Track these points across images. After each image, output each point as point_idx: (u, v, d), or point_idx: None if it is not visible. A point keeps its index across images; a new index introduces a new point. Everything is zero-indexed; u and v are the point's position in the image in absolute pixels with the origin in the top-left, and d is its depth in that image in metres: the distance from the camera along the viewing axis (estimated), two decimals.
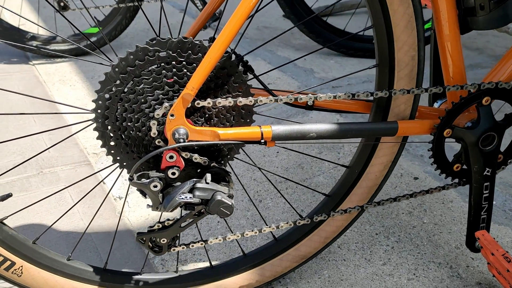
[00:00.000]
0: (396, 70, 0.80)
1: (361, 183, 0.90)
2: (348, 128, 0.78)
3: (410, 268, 0.99)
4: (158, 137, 0.72)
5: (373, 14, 0.77)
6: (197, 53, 0.71)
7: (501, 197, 1.17)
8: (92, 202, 1.22)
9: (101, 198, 1.23)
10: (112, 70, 0.70)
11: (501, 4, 0.76)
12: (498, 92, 0.81)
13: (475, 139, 0.83)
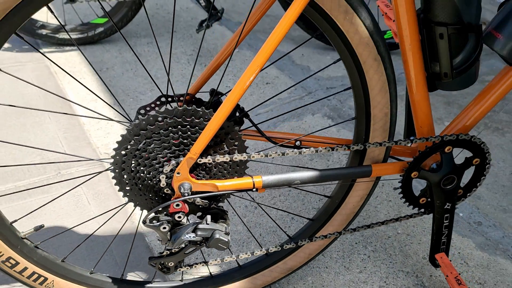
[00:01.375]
0: (372, 123, 0.92)
1: (341, 211, 1.04)
2: (328, 174, 0.92)
3: (382, 276, 1.15)
4: (167, 187, 0.86)
5: (352, 78, 0.88)
6: (199, 118, 0.84)
7: (468, 209, 1.31)
8: (106, 205, 1.37)
9: (113, 200, 1.38)
10: (127, 132, 0.83)
11: (462, 73, 0.87)
12: (458, 142, 0.94)
13: (437, 180, 0.97)
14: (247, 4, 2.52)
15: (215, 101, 0.94)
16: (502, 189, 1.38)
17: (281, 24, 0.77)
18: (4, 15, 0.69)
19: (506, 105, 1.74)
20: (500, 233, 1.24)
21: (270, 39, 0.77)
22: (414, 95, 0.91)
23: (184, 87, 1.85)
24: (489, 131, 1.61)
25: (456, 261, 1.18)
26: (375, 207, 1.34)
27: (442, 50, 0.85)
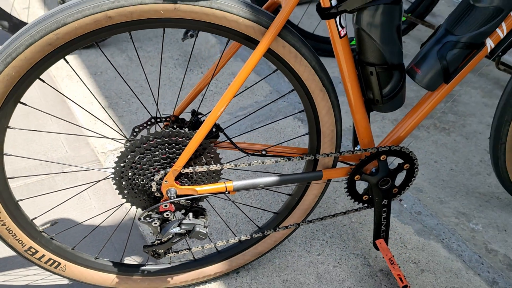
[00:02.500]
0: (322, 138, 1.15)
1: (299, 206, 1.28)
2: (287, 179, 1.15)
3: (336, 258, 1.40)
4: (157, 191, 1.09)
5: (304, 104, 1.11)
6: (182, 137, 1.06)
7: (411, 200, 1.56)
8: (104, 199, 1.60)
9: (110, 195, 1.60)
10: (125, 149, 1.05)
11: (390, 100, 1.10)
12: (390, 152, 1.17)
13: (376, 182, 1.21)
14: None
15: (195, 120, 1.16)
16: (442, 183, 1.63)
17: (245, 67, 0.99)
18: (31, 67, 0.91)
19: (455, 106, 1.98)
20: (435, 221, 1.49)
21: (236, 80, 0.99)
22: (355, 115, 1.14)
23: (170, 91, 2.06)
24: (437, 131, 1.86)
25: (397, 244, 1.43)
26: (334, 199, 1.58)
27: (373, 84, 1.08)
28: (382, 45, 1.02)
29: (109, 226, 1.47)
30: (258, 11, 0.97)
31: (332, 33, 1.02)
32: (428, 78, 1.10)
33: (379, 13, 0.98)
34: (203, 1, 0.92)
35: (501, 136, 1.27)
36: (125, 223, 1.47)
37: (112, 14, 0.88)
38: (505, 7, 1.02)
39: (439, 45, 1.07)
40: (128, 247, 1.41)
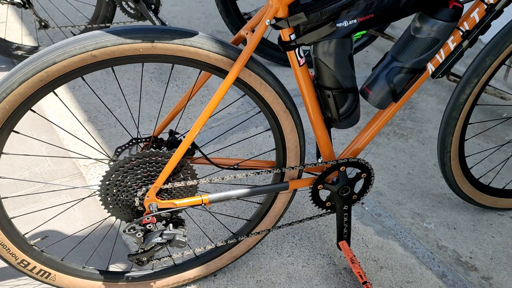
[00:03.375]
0: (287, 153, 1.29)
1: (269, 213, 1.41)
2: (257, 190, 1.28)
3: (305, 258, 1.54)
4: (140, 206, 1.21)
5: (271, 124, 1.24)
6: (161, 157, 1.18)
7: (372, 203, 1.71)
8: (87, 210, 1.70)
9: (93, 207, 1.70)
10: (110, 169, 1.16)
11: (346, 118, 1.24)
12: (349, 163, 1.32)
13: (336, 190, 1.35)
14: (201, 20, 2.83)
15: (173, 140, 1.28)
16: (400, 186, 1.79)
17: (217, 94, 1.11)
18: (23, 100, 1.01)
19: (413, 113, 2.15)
20: (393, 221, 1.65)
21: (209, 105, 1.11)
22: (316, 132, 1.28)
23: (148, 105, 2.16)
24: (396, 137, 2.02)
25: (359, 244, 1.57)
26: (303, 204, 1.72)
27: (330, 105, 1.21)
28: (337, 72, 1.16)
29: (94, 236, 1.57)
30: (227, 45, 1.09)
31: (292, 63, 1.15)
32: (379, 99, 1.24)
33: (332, 45, 1.12)
34: (177, 40, 1.04)
35: (446, 146, 1.43)
36: (109, 233, 1.58)
37: (97, 53, 0.99)
38: (441, 38, 1.17)
39: (386, 70, 1.21)
40: (112, 256, 1.52)
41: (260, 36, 1.09)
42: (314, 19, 1.07)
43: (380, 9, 1.08)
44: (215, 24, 2.80)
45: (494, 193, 1.62)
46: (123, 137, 1.99)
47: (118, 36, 1.00)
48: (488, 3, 1.17)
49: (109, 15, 2.28)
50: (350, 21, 1.08)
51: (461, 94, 1.34)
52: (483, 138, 2.02)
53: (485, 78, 1.32)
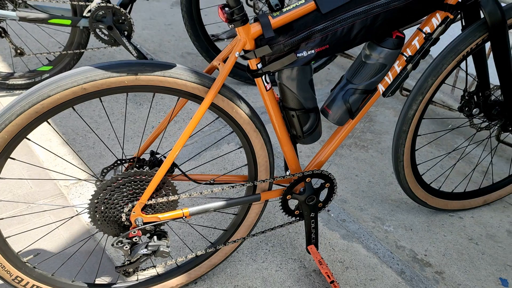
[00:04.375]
0: (258, 168, 1.43)
1: (244, 223, 1.55)
2: (232, 202, 1.42)
3: (277, 263, 1.68)
4: (126, 220, 1.33)
5: (243, 142, 1.38)
6: (144, 175, 1.30)
7: (337, 210, 1.88)
8: (71, 228, 1.79)
9: (76, 225, 1.80)
10: (97, 189, 1.28)
11: (310, 135, 1.40)
12: (313, 175, 1.47)
13: (303, 199, 1.50)
14: (172, 43, 2.97)
15: (154, 160, 1.40)
16: (362, 193, 1.96)
17: (194, 118, 1.25)
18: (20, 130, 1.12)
19: (372, 125, 2.34)
20: (357, 226, 1.81)
21: (188, 128, 1.25)
22: (283, 148, 1.43)
23: (127, 127, 2.28)
24: (357, 148, 2.19)
25: (327, 248, 1.73)
26: (274, 214, 1.86)
27: (295, 124, 1.37)
28: (299, 95, 1.32)
29: (80, 253, 1.67)
30: (202, 75, 1.23)
31: (260, 88, 1.30)
32: (337, 117, 1.41)
33: (294, 72, 1.28)
34: (158, 72, 1.17)
35: (399, 156, 1.61)
36: (94, 249, 1.68)
37: (87, 86, 1.12)
38: (388, 63, 1.34)
39: (343, 91, 1.38)
40: (99, 270, 1.62)
41: (231, 67, 1.23)
42: (278, 50, 1.22)
43: (333, 41, 1.24)
44: (184, 46, 2.94)
45: (444, 196, 1.81)
46: (102, 158, 2.09)
47: (105, 71, 1.13)
48: (426, 32, 1.35)
49: (83, 41, 2.39)
50: (308, 52, 1.24)
51: (409, 110, 1.52)
52: (435, 146, 2.22)
53: (428, 95, 1.50)
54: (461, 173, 2.07)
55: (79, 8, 2.28)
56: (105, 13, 2.26)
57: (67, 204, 1.89)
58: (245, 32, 1.20)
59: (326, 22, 1.22)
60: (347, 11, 1.23)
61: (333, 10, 1.22)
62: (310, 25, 1.22)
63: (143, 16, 3.24)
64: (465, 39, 1.42)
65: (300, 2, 1.23)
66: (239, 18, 1.17)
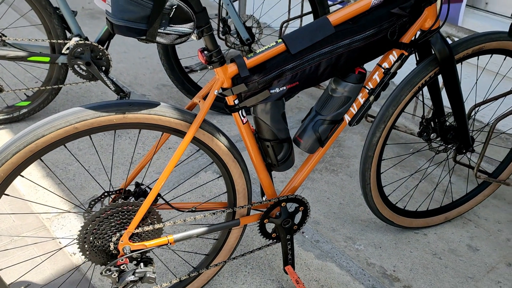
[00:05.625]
0: (237, 194, 1.54)
1: (224, 247, 1.64)
2: (213, 228, 1.51)
3: (257, 285, 1.77)
4: (114, 249, 1.40)
5: (222, 172, 1.49)
6: (131, 206, 1.39)
7: (311, 231, 1.99)
8: (55, 260, 1.84)
9: (60, 257, 1.85)
10: (87, 220, 1.36)
11: (284, 163, 1.52)
12: (288, 200, 1.59)
13: (280, 223, 1.61)
14: (147, 76, 3.07)
15: (139, 191, 1.49)
16: (333, 215, 2.08)
17: (177, 152, 1.35)
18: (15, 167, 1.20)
19: (341, 150, 2.48)
20: (330, 246, 1.93)
21: (172, 161, 1.35)
22: (259, 175, 1.55)
23: (103, 158, 2.35)
24: (328, 172, 2.33)
25: (303, 268, 1.83)
26: (251, 237, 1.96)
27: (270, 153, 1.49)
28: (273, 127, 1.44)
29: (65, 284, 1.72)
30: (184, 112, 1.34)
31: (237, 121, 1.42)
32: (308, 146, 1.54)
33: (268, 106, 1.41)
34: (144, 110, 1.28)
35: (366, 179, 1.74)
36: (78, 280, 1.74)
37: (78, 125, 1.21)
38: (352, 95, 1.49)
39: (312, 122, 1.51)
40: None
41: (211, 103, 1.35)
42: (253, 88, 1.35)
43: (303, 78, 1.38)
44: (159, 78, 3.05)
45: (409, 215, 1.95)
46: (83, 189, 2.15)
47: (95, 111, 1.22)
48: (385, 67, 1.51)
49: (62, 77, 2.47)
50: (280, 88, 1.37)
51: (373, 137, 1.66)
52: (399, 168, 2.38)
53: (390, 123, 1.65)
54: (424, 192, 2.22)
55: (57, 46, 2.36)
56: (83, 50, 2.35)
57: (50, 236, 1.94)
58: (223, 72, 1.32)
59: (295, 61, 1.36)
60: (314, 51, 1.37)
61: (302, 51, 1.36)
62: (281, 64, 1.35)
63: (117, 50, 3.34)
64: (419, 73, 1.59)
65: (271, 44, 1.36)
66: (217, 60, 1.30)
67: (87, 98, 2.78)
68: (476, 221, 2.09)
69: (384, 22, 1.41)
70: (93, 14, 3.88)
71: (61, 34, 2.35)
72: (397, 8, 1.42)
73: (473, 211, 2.13)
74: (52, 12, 2.29)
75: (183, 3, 1.16)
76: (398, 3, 1.42)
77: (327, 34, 1.37)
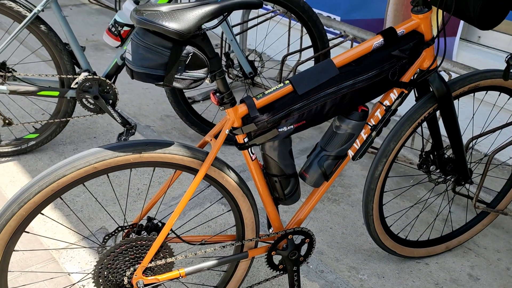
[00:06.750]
0: (245, 228, 1.59)
1: (233, 279, 1.69)
2: (223, 261, 1.56)
3: None
4: (128, 283, 1.45)
5: (231, 206, 1.54)
6: (145, 241, 1.44)
7: (315, 261, 2.03)
8: None
9: None
10: (101, 255, 1.40)
11: (291, 197, 1.58)
12: (294, 232, 1.64)
13: (287, 254, 1.66)
14: (150, 106, 3.15)
15: (152, 225, 1.54)
16: (337, 245, 2.13)
17: (190, 189, 1.40)
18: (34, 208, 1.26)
19: (342, 180, 2.54)
20: (334, 276, 1.97)
21: (184, 198, 1.40)
22: (267, 209, 1.60)
23: (109, 191, 2.40)
24: (330, 202, 2.39)
25: None
26: (257, 268, 2.00)
27: (277, 188, 1.55)
28: (281, 163, 1.51)
29: None
30: (196, 150, 1.41)
31: (246, 158, 1.48)
32: (314, 180, 1.60)
33: (276, 144, 1.47)
34: (159, 149, 1.34)
35: (368, 211, 1.80)
36: None
37: (97, 165, 1.27)
38: (355, 132, 1.56)
39: (318, 158, 1.58)
40: None
41: (222, 142, 1.41)
42: (262, 127, 1.42)
43: (309, 117, 1.45)
44: (163, 109, 3.12)
45: (411, 244, 2.00)
46: (91, 221, 2.20)
47: (113, 151, 1.29)
48: (386, 105, 1.58)
49: (70, 110, 2.53)
50: (288, 127, 1.44)
51: (375, 171, 1.73)
52: (400, 198, 2.44)
53: (391, 157, 1.72)
54: (425, 222, 2.28)
55: (66, 81, 2.44)
56: (92, 84, 2.43)
57: (59, 269, 1.97)
58: (234, 113, 1.39)
59: (302, 101, 1.43)
60: (319, 92, 1.44)
61: (308, 92, 1.43)
62: (289, 104, 1.42)
63: (121, 81, 3.42)
64: (418, 109, 1.66)
65: (279, 85, 1.44)
66: (228, 102, 1.37)
67: (93, 129, 2.84)
68: (476, 250, 2.14)
69: (385, 64, 1.49)
70: (97, 45, 3.97)
71: (70, 69, 2.42)
72: (397, 50, 1.50)
73: (473, 240, 2.18)
74: (62, 48, 2.37)
75: (198, 51, 1.24)
76: (398, 46, 1.51)
77: (331, 75, 1.45)
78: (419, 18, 1.52)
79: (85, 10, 4.73)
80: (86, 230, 2.14)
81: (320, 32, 2.62)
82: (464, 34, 2.79)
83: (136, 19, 1.18)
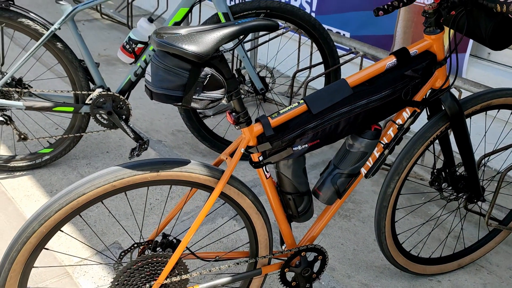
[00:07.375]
0: (259, 245, 1.61)
1: None
2: (237, 277, 1.57)
3: None
4: None
5: (245, 223, 1.56)
6: (160, 257, 1.46)
7: (327, 278, 2.04)
8: None
9: None
10: (118, 272, 1.42)
11: (304, 215, 1.59)
12: (307, 249, 1.65)
13: (300, 271, 1.67)
14: (162, 121, 3.18)
15: (167, 242, 1.56)
16: (348, 261, 2.13)
17: (205, 206, 1.42)
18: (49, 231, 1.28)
19: (352, 195, 2.55)
20: None
21: (200, 215, 1.42)
22: (280, 226, 1.62)
23: (123, 205, 2.42)
24: (341, 218, 2.39)
25: None
26: (269, 284, 2.01)
27: (291, 205, 1.57)
28: (294, 181, 1.53)
29: None
30: (212, 168, 1.43)
31: (261, 176, 1.50)
32: (327, 198, 1.61)
33: (290, 162, 1.49)
34: (176, 168, 1.36)
35: (381, 228, 1.81)
36: None
37: (116, 184, 1.30)
38: (368, 150, 1.57)
39: (331, 176, 1.60)
40: None
41: (238, 160, 1.44)
42: (276, 146, 1.44)
43: (323, 136, 1.47)
44: (174, 124, 3.16)
45: (423, 262, 2.00)
46: (104, 235, 2.22)
47: (131, 170, 1.31)
48: (398, 124, 1.60)
49: (84, 125, 2.57)
50: (302, 146, 1.46)
51: (387, 188, 1.74)
52: (412, 214, 2.45)
53: (403, 175, 1.73)
54: (437, 239, 2.28)
55: (81, 96, 2.48)
56: (105, 100, 2.47)
57: (73, 284, 1.99)
58: (249, 132, 1.41)
59: (316, 121, 1.45)
60: (333, 111, 1.46)
61: (322, 111, 1.45)
62: (303, 124, 1.44)
63: (133, 96, 3.46)
64: (431, 127, 1.68)
65: (294, 104, 1.46)
66: (244, 121, 1.39)
67: (105, 144, 2.88)
68: (488, 267, 2.14)
69: (398, 84, 1.52)
70: (109, 60, 4.03)
71: (85, 85, 2.47)
72: (410, 70, 1.53)
73: (485, 258, 2.18)
74: (78, 65, 2.41)
75: (216, 72, 1.27)
76: (411, 66, 1.53)
77: (345, 95, 1.47)
78: (432, 39, 1.55)
79: (97, 25, 4.81)
80: (99, 244, 2.16)
81: (330, 48, 2.65)
82: (474, 51, 2.81)
83: (156, 41, 1.21)
